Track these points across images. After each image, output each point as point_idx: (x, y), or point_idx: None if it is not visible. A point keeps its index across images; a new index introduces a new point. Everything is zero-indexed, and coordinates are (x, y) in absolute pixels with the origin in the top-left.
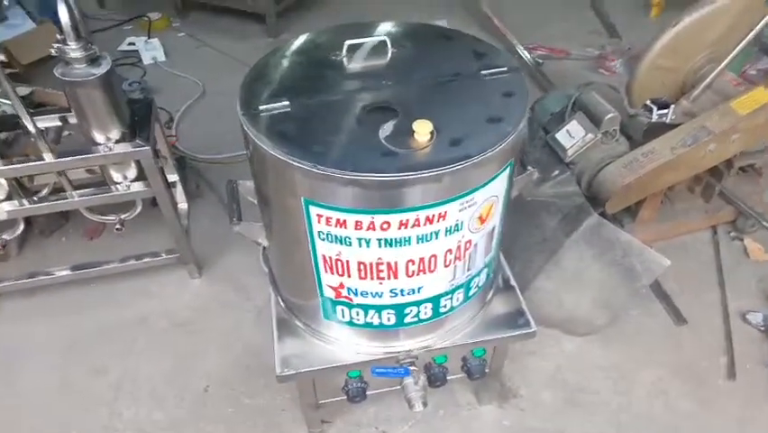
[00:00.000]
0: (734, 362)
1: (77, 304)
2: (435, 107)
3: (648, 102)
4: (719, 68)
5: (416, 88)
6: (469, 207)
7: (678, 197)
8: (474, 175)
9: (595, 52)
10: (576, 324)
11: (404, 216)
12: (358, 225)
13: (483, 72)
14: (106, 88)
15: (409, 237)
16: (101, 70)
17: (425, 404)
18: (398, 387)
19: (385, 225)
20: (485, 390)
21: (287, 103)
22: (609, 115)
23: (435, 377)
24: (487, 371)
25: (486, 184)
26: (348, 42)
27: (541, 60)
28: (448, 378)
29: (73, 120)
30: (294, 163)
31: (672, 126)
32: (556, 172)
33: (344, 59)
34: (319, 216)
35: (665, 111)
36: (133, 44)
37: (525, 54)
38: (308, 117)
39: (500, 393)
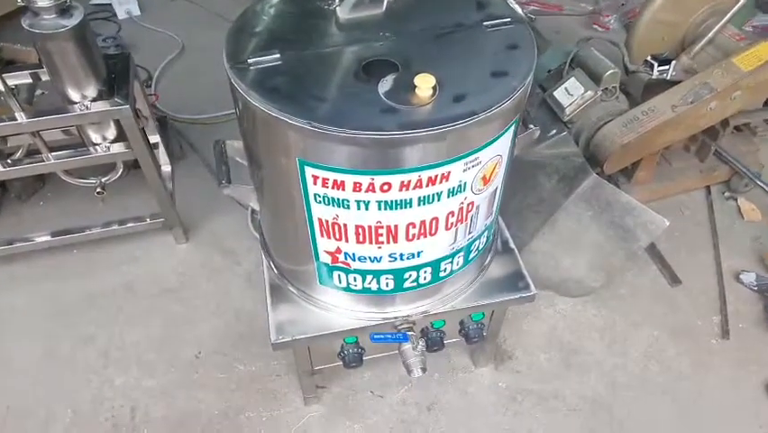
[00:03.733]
0: (727, 321)
1: (58, 271)
2: (437, 61)
3: (649, 58)
4: (722, 22)
5: (416, 40)
6: (473, 166)
7: (673, 156)
8: (479, 133)
9: (588, 8)
10: (572, 285)
11: (405, 177)
12: (356, 187)
13: (486, 23)
14: (79, 41)
15: (410, 199)
16: (72, 21)
17: (423, 369)
18: (395, 352)
19: (385, 187)
20: (481, 352)
21: (277, 55)
22: (610, 71)
23: (433, 342)
24: (484, 334)
25: (491, 142)
26: None
27: (533, 16)
28: (445, 342)
29: (45, 77)
30: (287, 120)
31: (672, 83)
32: (553, 131)
33: (337, 9)
34: (315, 177)
35: (666, 67)
36: None
37: (518, 9)
38: (301, 71)
39: (496, 356)
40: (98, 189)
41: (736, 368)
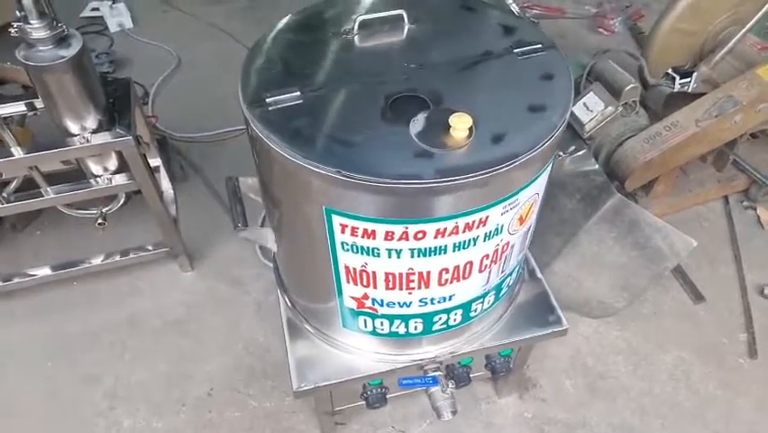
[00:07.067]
0: (754, 339)
1: (59, 305)
2: (468, 95)
3: (670, 71)
4: (743, 30)
5: (443, 72)
6: (511, 209)
7: (690, 167)
8: (519, 175)
9: (592, 10)
10: (594, 306)
11: (441, 225)
12: (389, 236)
13: (516, 50)
14: (79, 72)
15: (445, 246)
16: (71, 52)
17: (454, 412)
18: (419, 389)
19: (419, 235)
20: (504, 382)
21: (297, 93)
22: (630, 86)
23: (459, 378)
24: (511, 367)
25: (530, 183)
26: (360, 18)
27: (536, 21)
28: (471, 376)
29: (41, 104)
30: (313, 168)
31: (692, 96)
32: (572, 148)
33: (356, 38)
34: (343, 225)
35: (688, 80)
36: (97, 9)
37: (515, 8)
38: (324, 111)
39: (520, 384)
40: (99, 221)
41: (767, 389)
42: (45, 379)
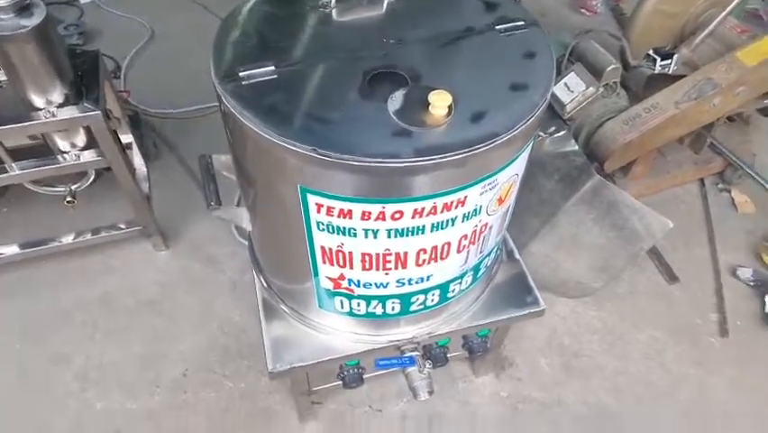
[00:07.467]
0: (726, 319)
1: (27, 284)
2: (449, 72)
3: (651, 52)
4: (723, 13)
5: (423, 48)
6: (490, 189)
7: (667, 149)
8: (499, 154)
9: None
10: (572, 286)
11: (419, 205)
12: (365, 216)
13: (499, 27)
14: (43, 43)
15: (423, 226)
16: (33, 21)
17: (431, 392)
18: (396, 368)
19: (397, 215)
20: (481, 361)
21: (272, 68)
22: (611, 66)
23: (436, 358)
24: (488, 346)
25: (510, 163)
26: None
27: None
28: (448, 356)
29: (3, 77)
30: (289, 147)
31: (673, 78)
32: (552, 129)
33: (334, 11)
34: (319, 205)
35: (669, 62)
36: None
37: None
38: (300, 86)
39: (496, 363)
40: (68, 199)
41: (736, 368)
42: (13, 360)
